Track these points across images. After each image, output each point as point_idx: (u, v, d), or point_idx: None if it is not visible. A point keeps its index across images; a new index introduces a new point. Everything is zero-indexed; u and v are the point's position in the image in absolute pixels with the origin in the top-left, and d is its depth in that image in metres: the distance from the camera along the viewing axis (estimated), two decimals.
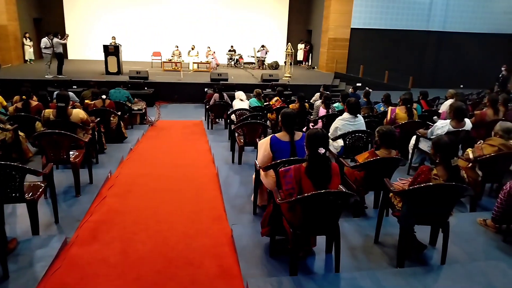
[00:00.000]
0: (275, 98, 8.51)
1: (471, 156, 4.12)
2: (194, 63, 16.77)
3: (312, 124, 6.76)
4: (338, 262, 2.88)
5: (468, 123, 4.92)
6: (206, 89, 12.06)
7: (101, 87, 7.34)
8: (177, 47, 16.98)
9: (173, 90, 12.90)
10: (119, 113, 6.81)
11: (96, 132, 5.72)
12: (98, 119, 5.95)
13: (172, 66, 16.25)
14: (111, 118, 6.73)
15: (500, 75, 16.08)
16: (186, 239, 3.58)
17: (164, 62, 16.50)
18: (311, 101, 9.50)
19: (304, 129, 6.74)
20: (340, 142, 4.97)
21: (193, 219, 4.01)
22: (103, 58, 13.62)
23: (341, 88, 14.95)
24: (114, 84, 9.54)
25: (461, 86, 17.06)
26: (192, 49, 16.99)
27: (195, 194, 4.71)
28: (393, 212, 3.26)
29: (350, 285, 2.72)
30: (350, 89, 11.33)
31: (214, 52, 17.62)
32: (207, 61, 16.91)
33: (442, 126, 4.83)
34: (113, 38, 14.40)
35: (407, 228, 3.01)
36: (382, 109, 7.73)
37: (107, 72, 13.54)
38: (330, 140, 5.12)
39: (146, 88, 12.09)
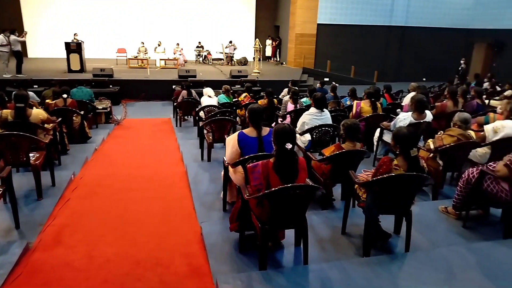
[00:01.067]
0: (244, 94, 8.50)
1: (432, 146, 4.28)
2: (161, 59, 16.48)
3: (280, 119, 6.81)
4: (307, 255, 2.92)
5: (429, 115, 5.10)
6: (174, 86, 11.87)
7: (63, 86, 7.06)
8: (143, 43, 16.60)
9: (140, 88, 12.63)
10: (82, 112, 6.59)
11: (57, 133, 5.51)
12: (60, 119, 5.72)
13: (138, 63, 15.90)
14: (74, 118, 6.50)
15: (460, 68, 16.81)
16: (154, 239, 3.52)
17: (129, 59, 16.10)
18: (280, 96, 9.57)
19: (273, 125, 6.78)
20: (308, 137, 5.03)
21: (161, 218, 3.96)
22: (65, 56, 13.14)
23: (309, 83, 15.13)
24: (77, 83, 9.22)
25: (424, 79, 17.69)
26: (159, 45, 16.67)
27: (163, 193, 4.64)
28: (358, 203, 3.34)
29: (318, 276, 2.77)
30: (318, 84, 11.51)
31: (182, 49, 17.37)
32: (175, 58, 16.65)
33: (404, 118, 4.99)
34: (75, 35, 13.89)
35: (372, 218, 3.09)
36: (348, 103, 7.87)
37: (70, 70, 13.08)
38: (298, 134, 5.18)
39: (111, 86, 11.76)
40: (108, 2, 18.80)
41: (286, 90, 9.51)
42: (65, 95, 6.59)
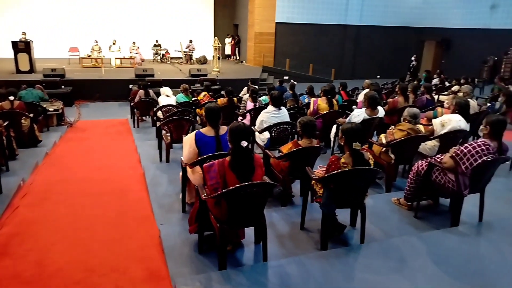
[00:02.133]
0: (203, 93, 8.43)
1: (384, 141, 4.44)
2: (116, 58, 15.97)
3: (240, 118, 6.81)
4: (266, 252, 2.94)
5: (381, 111, 5.29)
6: (130, 86, 11.55)
7: (9, 87, 6.66)
8: (97, 42, 15.99)
9: (94, 88, 12.17)
10: (31, 115, 6.24)
11: (4, 137, 5.19)
12: (7, 122, 5.39)
13: (92, 62, 15.31)
14: (22, 121, 6.15)
15: (411, 65, 17.60)
16: (109, 244, 3.40)
17: (82, 58, 15.49)
18: (240, 95, 9.56)
19: (244, 123, 6.76)
20: (267, 135, 5.07)
21: (117, 223, 3.83)
22: (12, 56, 12.39)
23: (269, 82, 15.26)
24: (26, 84, 8.71)
25: (378, 76, 18.38)
26: (114, 44, 16.14)
27: (119, 196, 4.50)
28: (315, 199, 3.41)
29: (277, 272, 2.80)
30: (277, 82, 11.63)
31: (138, 47, 16.92)
32: (131, 57, 16.19)
33: (358, 114, 5.15)
34: (24, 33, 13.15)
35: (329, 213, 3.16)
36: (306, 100, 8.01)
37: (18, 71, 12.38)
38: (257, 132, 5.20)
39: (63, 86, 11.27)
40: None
41: (246, 88, 9.52)
42: (11, 97, 6.21)
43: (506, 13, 15.75)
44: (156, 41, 18.45)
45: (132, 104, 8.89)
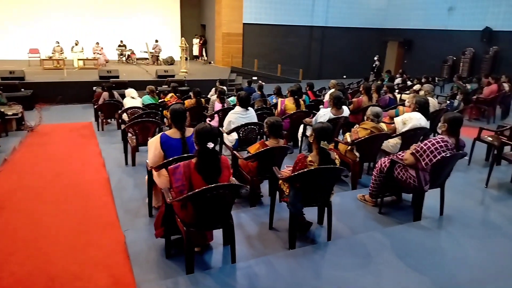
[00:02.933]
0: (170, 95, 8.29)
1: (349, 139, 4.54)
2: (79, 60, 15.47)
3: (208, 119, 6.76)
4: (234, 253, 2.93)
5: (346, 110, 5.41)
6: (94, 88, 11.20)
7: None
8: (58, 43, 15.42)
9: (56, 90, 11.73)
10: None
11: None
12: None
13: (54, 64, 14.76)
14: None
15: (374, 65, 18.09)
16: (72, 252, 3.28)
17: (43, 59, 14.88)
18: (208, 96, 9.50)
19: (210, 124, 6.70)
20: (235, 135, 5.05)
21: (80, 230, 3.70)
22: None
23: (237, 82, 15.25)
24: None
25: (344, 76, 18.80)
26: (76, 44, 15.63)
27: (83, 203, 4.35)
28: (283, 198, 3.43)
29: (245, 273, 2.79)
30: (246, 83, 11.66)
31: (102, 48, 16.46)
32: (94, 58, 15.72)
33: (324, 114, 5.24)
34: None
35: (296, 212, 3.19)
36: (274, 101, 8.06)
37: None
38: (224, 133, 5.18)
39: (23, 89, 10.78)
40: None
41: (214, 89, 9.47)
42: None
43: (462, 15, 16.52)
44: (121, 41, 18.02)
45: (96, 106, 8.63)
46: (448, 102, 7.87)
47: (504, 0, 15.00)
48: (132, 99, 7.29)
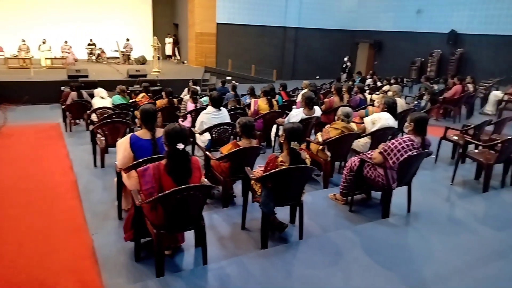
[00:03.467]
0: (142, 94, 8.16)
1: (320, 139, 4.60)
2: (46, 59, 14.94)
3: (181, 119, 6.69)
4: (206, 255, 2.90)
5: (317, 110, 5.48)
6: (62, 88, 10.85)
7: None
8: (24, 41, 14.84)
9: (22, 90, 11.23)
10: None
11: None
12: None
13: (20, 63, 14.19)
14: None
15: (344, 66, 18.41)
16: (38, 258, 3.17)
17: (8, 58, 14.28)
18: (181, 96, 9.39)
19: (180, 125, 6.62)
20: (207, 136, 5.02)
21: (46, 234, 3.57)
22: None
23: (211, 82, 15.16)
24: None
25: (317, 77, 19.03)
26: (43, 43, 15.09)
27: (49, 206, 4.20)
28: (255, 198, 3.43)
29: (217, 275, 2.78)
30: (220, 83, 11.61)
31: (71, 47, 15.97)
32: (63, 57, 15.23)
33: (296, 114, 5.29)
34: None
35: (268, 212, 3.20)
36: (248, 101, 8.07)
37: None
38: (197, 134, 5.14)
39: None
40: None
41: (187, 89, 9.38)
42: None
43: (430, 18, 17.09)
44: (91, 40, 17.56)
45: (64, 107, 8.35)
46: (416, 102, 8.11)
47: (468, 5, 15.63)
48: (102, 99, 7.11)
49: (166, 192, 2.51)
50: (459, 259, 3.13)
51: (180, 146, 2.62)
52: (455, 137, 5.58)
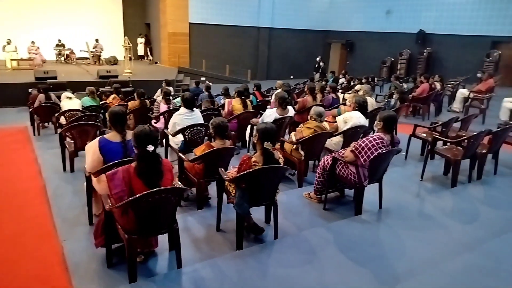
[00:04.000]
0: (112, 96, 7.99)
1: (294, 139, 4.64)
2: (12, 60, 14.37)
3: (154, 121, 6.58)
4: (180, 258, 2.87)
5: (291, 110, 5.52)
6: (30, 90, 10.45)
7: None
8: None
9: None
10: None
11: None
12: None
13: None
14: None
15: (316, 65, 18.63)
16: (5, 267, 3.04)
17: None
18: (154, 97, 9.26)
19: (150, 127, 6.51)
20: (180, 137, 4.96)
21: (13, 242, 3.44)
22: None
23: (185, 83, 15.00)
24: None
25: (291, 77, 19.19)
26: (8, 43, 14.49)
27: (16, 213, 4.05)
28: (229, 199, 3.42)
29: (191, 278, 2.75)
30: (193, 83, 11.52)
31: (38, 47, 15.42)
32: (30, 58, 14.70)
33: (270, 114, 5.32)
34: None
35: (242, 212, 3.20)
36: (222, 101, 8.04)
37: None
38: (170, 135, 5.07)
39: None
40: None
41: (160, 90, 9.25)
42: None
43: (399, 18, 17.54)
44: (59, 40, 17.03)
45: (31, 109, 8.06)
46: (386, 101, 8.32)
47: (435, 5, 16.16)
48: (69, 101, 6.91)
49: (137, 195, 2.47)
50: (429, 253, 3.23)
51: (150, 148, 2.58)
52: (424, 134, 5.75)
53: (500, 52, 14.22)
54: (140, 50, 20.05)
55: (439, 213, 4.00)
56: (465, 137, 4.73)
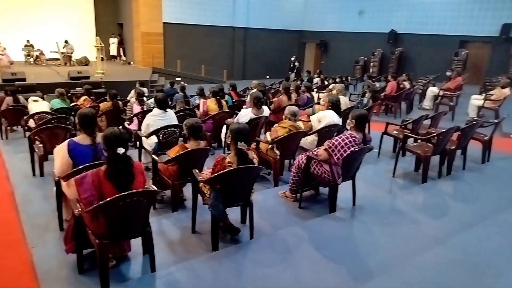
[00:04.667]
0: (83, 98, 7.78)
1: (269, 138, 4.65)
2: None
3: (127, 122, 6.46)
4: (154, 261, 2.82)
5: (266, 110, 5.54)
6: None
7: None
8: None
9: None
10: None
11: None
12: None
13: None
14: None
15: (291, 65, 18.79)
16: None
17: None
18: (128, 98, 9.10)
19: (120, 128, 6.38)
20: (154, 139, 4.89)
21: None
22: None
23: (160, 83, 14.83)
24: None
25: (267, 76, 19.26)
26: None
27: None
28: (204, 201, 3.40)
29: (166, 281, 2.71)
30: (168, 84, 11.38)
31: (5, 48, 14.86)
32: None
33: (245, 114, 5.31)
34: None
35: (217, 213, 3.18)
36: (197, 102, 7.98)
37: None
38: (143, 137, 4.99)
39: None
40: None
41: (133, 91, 9.10)
42: None
43: (371, 19, 17.92)
44: (28, 41, 16.49)
45: None
46: (359, 99, 8.47)
47: (405, 6, 16.59)
48: (36, 103, 6.69)
49: (107, 199, 2.41)
50: (401, 247, 3.30)
51: (121, 150, 2.53)
52: (395, 132, 5.88)
53: (467, 51, 14.75)
54: (113, 51, 19.65)
55: (410, 208, 4.10)
56: (435, 134, 4.86)
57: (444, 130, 4.87)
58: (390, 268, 2.99)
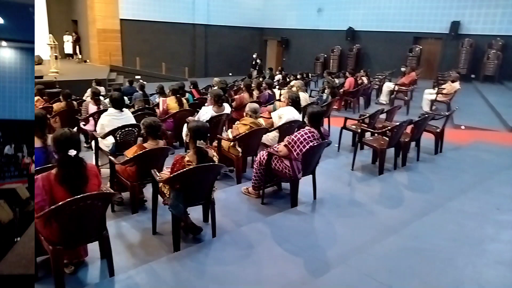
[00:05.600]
0: (36, 98, 7.41)
1: (230, 136, 4.64)
2: None
3: (83, 123, 6.22)
4: (112, 266, 2.74)
5: (227, 107, 5.52)
6: None
7: None
8: None
9: None
10: None
11: None
12: None
13: None
14: None
15: (254, 62, 18.87)
16: None
17: None
18: (84, 97, 8.76)
19: (75, 129, 6.12)
20: (111, 139, 4.74)
21: None
22: None
23: (119, 82, 14.40)
24: None
25: (230, 74, 19.20)
26: None
27: None
28: (164, 201, 3.34)
29: (125, 285, 2.64)
30: (127, 83, 11.08)
31: None
32: None
33: (206, 112, 5.27)
34: None
35: (178, 213, 3.13)
36: (157, 100, 7.82)
37: None
38: (99, 138, 4.82)
39: None
40: None
41: (89, 90, 8.76)
42: None
43: (330, 16, 18.31)
44: None
45: None
46: (319, 95, 8.64)
47: (362, 3, 17.09)
48: None
49: (59, 203, 2.31)
50: (358, 238, 3.41)
51: (72, 152, 2.43)
52: (354, 126, 6.06)
53: (421, 47, 15.43)
54: (68, 49, 18.84)
55: (368, 199, 4.24)
56: (389, 128, 5.05)
57: (398, 123, 5.07)
58: (347, 258, 3.07)
